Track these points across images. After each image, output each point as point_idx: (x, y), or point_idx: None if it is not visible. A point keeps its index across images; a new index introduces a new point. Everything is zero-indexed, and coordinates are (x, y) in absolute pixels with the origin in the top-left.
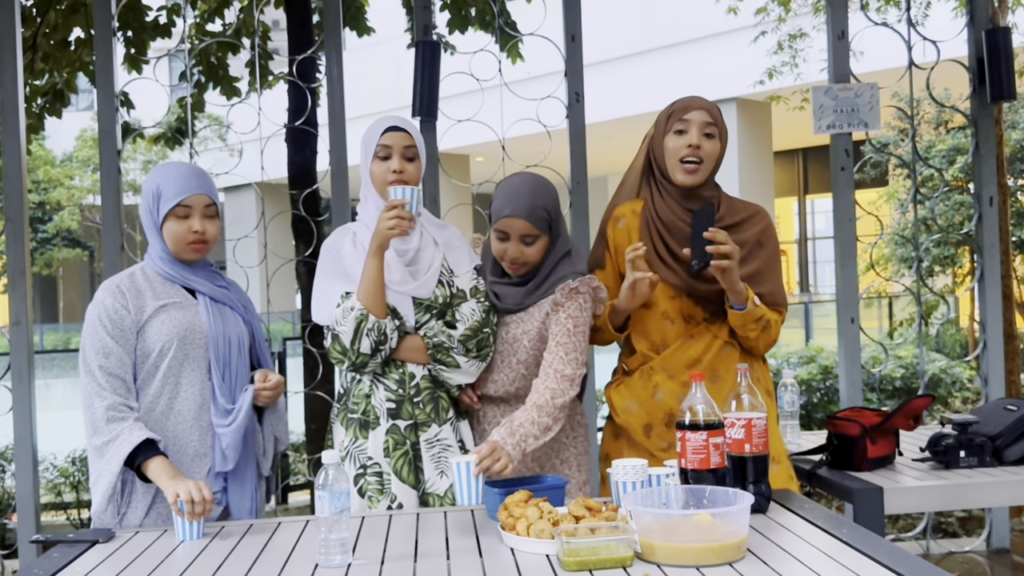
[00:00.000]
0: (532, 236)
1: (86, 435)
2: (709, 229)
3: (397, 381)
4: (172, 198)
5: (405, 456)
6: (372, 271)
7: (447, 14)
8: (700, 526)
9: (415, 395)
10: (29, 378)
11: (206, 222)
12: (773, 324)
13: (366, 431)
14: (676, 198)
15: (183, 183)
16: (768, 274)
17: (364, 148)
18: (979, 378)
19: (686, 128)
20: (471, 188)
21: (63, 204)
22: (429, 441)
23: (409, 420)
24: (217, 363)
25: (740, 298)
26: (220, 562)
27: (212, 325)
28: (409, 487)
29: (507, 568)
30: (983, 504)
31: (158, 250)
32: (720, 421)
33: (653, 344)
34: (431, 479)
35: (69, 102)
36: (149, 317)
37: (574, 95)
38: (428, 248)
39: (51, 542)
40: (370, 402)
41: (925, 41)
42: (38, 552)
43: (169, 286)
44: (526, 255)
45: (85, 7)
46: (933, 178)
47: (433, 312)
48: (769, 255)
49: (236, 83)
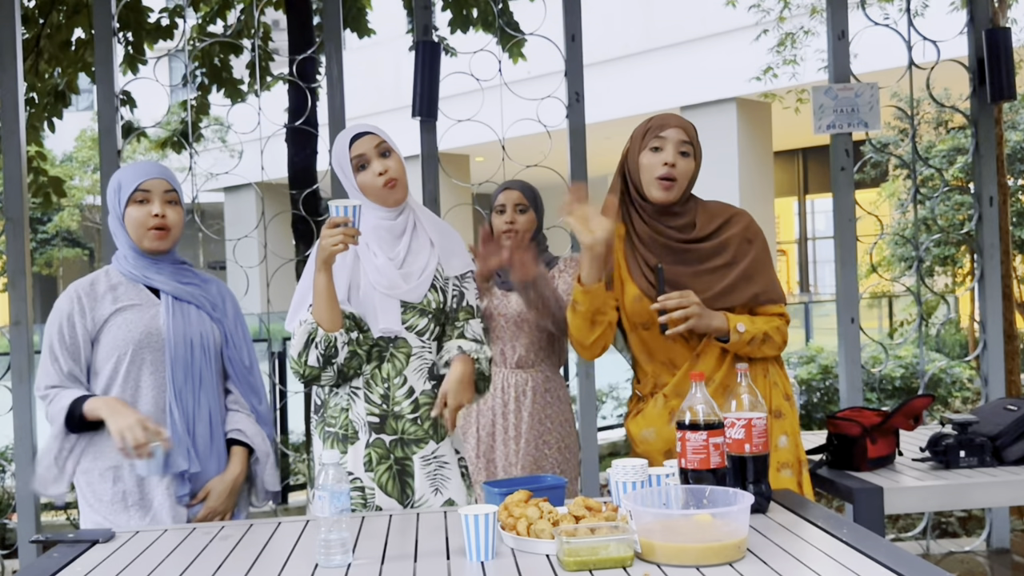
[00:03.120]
0: (523, 206)
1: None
2: (658, 299)
3: (382, 396)
4: (130, 184)
5: (390, 470)
6: (320, 286)
7: (449, 14)
8: (700, 526)
9: (412, 411)
10: (29, 378)
11: (167, 207)
12: (773, 332)
13: (345, 445)
14: (653, 216)
15: (140, 170)
16: (760, 271)
17: (340, 166)
18: (979, 378)
19: (662, 145)
20: (471, 188)
21: (63, 204)
22: (425, 458)
23: (394, 435)
24: (175, 365)
25: (722, 332)
26: (220, 562)
27: (171, 326)
28: (395, 500)
29: (507, 568)
30: (983, 504)
31: (124, 247)
32: (720, 421)
33: (661, 364)
34: (424, 496)
35: (70, 102)
36: (105, 323)
37: (574, 95)
38: (423, 251)
39: (51, 542)
40: (348, 416)
41: (925, 41)
42: (38, 552)
43: (132, 287)
44: (519, 222)
45: (87, 8)
46: (933, 178)
47: (428, 316)
48: (758, 251)
49: (240, 85)
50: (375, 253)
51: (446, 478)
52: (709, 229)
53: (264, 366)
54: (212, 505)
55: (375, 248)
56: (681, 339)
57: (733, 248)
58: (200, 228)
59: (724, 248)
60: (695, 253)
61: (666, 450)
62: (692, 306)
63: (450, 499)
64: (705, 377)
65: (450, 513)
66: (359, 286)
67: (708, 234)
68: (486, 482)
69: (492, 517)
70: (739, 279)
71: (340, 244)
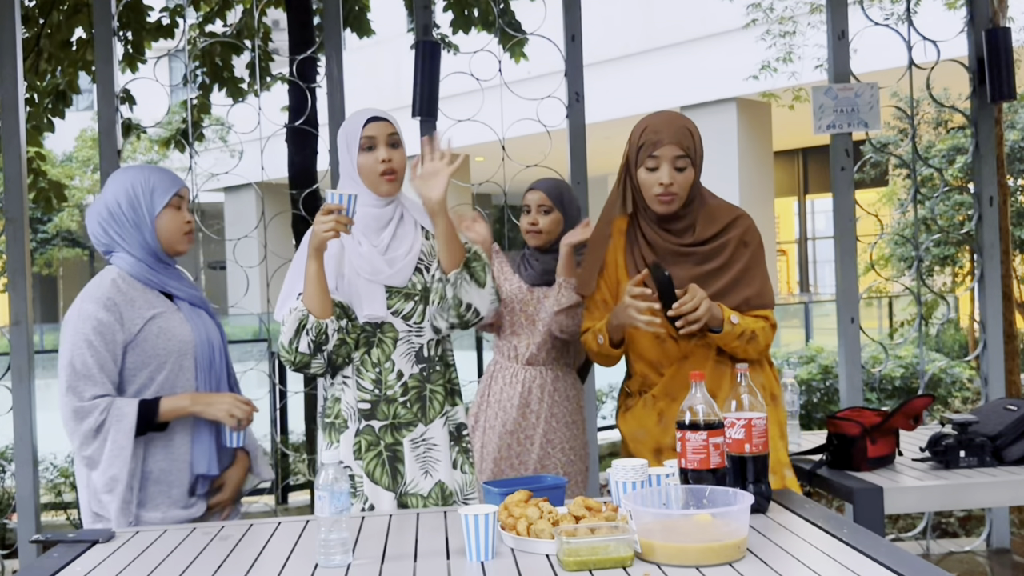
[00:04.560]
0: (547, 207)
1: (72, 445)
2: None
3: (374, 381)
4: (169, 188)
5: (379, 457)
6: (311, 273)
7: (451, 14)
8: (700, 526)
9: (402, 394)
10: (29, 378)
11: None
12: (759, 333)
13: (338, 434)
14: (655, 220)
15: (174, 176)
16: (753, 274)
17: (346, 142)
18: (979, 378)
19: (657, 165)
20: (471, 188)
21: (63, 205)
22: (414, 441)
23: (385, 420)
24: (200, 370)
25: (716, 322)
26: (220, 562)
27: (195, 331)
28: (383, 489)
29: (507, 568)
30: (983, 504)
31: (141, 251)
32: (720, 421)
33: (650, 363)
34: (414, 479)
35: (71, 102)
36: (140, 331)
37: (574, 95)
38: (408, 236)
39: (51, 542)
40: (339, 405)
41: (925, 41)
42: (38, 552)
43: (149, 293)
44: (542, 223)
45: (87, 7)
46: (933, 178)
47: (415, 299)
48: (753, 253)
49: (241, 84)
50: (359, 241)
51: (435, 460)
52: (708, 233)
53: (264, 366)
54: (229, 495)
55: (359, 236)
56: (671, 340)
57: (729, 252)
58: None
59: (721, 251)
60: (693, 256)
61: (655, 448)
62: (703, 305)
63: (440, 482)
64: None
65: (450, 513)
66: (343, 274)
67: (707, 238)
68: (486, 482)
69: (492, 517)
70: (732, 283)
71: (331, 232)
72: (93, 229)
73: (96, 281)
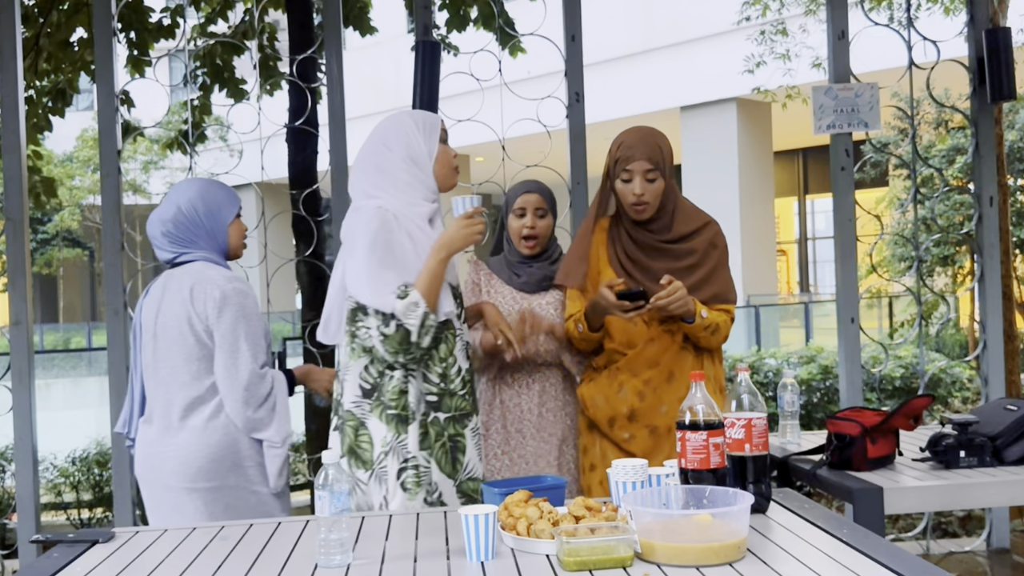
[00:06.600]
0: (543, 210)
1: (239, 408)
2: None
3: (440, 375)
4: (235, 203)
5: (443, 447)
6: (440, 273)
7: (446, 14)
8: (700, 526)
9: (461, 387)
10: (29, 378)
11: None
12: (722, 325)
13: (405, 426)
14: (634, 222)
15: (234, 192)
16: (720, 273)
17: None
18: (979, 378)
19: (630, 178)
20: (471, 188)
21: (63, 204)
22: (474, 430)
23: (449, 412)
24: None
25: (689, 314)
26: (220, 562)
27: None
28: (446, 476)
29: (507, 568)
30: (983, 504)
31: (217, 254)
32: (720, 421)
33: (619, 343)
34: (472, 465)
35: (72, 102)
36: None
37: (574, 95)
38: None
39: (51, 542)
40: (407, 397)
41: (925, 41)
42: (38, 552)
43: None
44: (539, 227)
45: (87, 7)
46: (933, 178)
47: (459, 298)
48: (719, 255)
49: (242, 84)
50: (429, 236)
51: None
52: (683, 232)
53: None
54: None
55: (421, 235)
56: (641, 323)
57: (700, 252)
58: None
59: (693, 251)
60: (670, 253)
61: (610, 417)
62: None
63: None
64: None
65: (450, 513)
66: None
67: (681, 236)
68: (485, 482)
69: (492, 517)
70: (703, 280)
71: (480, 234)
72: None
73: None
